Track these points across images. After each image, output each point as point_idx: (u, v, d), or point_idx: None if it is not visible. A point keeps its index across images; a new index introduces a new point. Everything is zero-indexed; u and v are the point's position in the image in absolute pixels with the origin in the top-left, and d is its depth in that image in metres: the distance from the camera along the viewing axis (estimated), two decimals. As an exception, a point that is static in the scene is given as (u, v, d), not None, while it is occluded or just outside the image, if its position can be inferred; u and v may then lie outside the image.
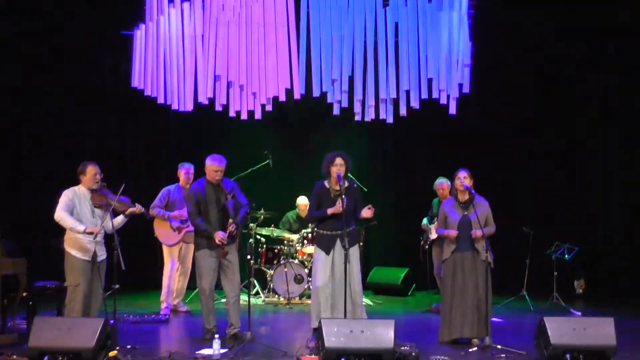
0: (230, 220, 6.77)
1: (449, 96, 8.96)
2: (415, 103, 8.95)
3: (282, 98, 8.97)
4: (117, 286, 6.25)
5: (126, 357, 5.83)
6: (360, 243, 7.00)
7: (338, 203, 6.58)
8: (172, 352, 5.93)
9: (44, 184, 9.61)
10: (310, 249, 9.27)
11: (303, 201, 9.80)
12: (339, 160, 6.71)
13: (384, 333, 5.55)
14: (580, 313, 8.52)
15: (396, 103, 9.04)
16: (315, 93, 8.93)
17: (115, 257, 6.24)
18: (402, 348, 5.77)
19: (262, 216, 9.46)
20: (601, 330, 5.69)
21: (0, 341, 6.44)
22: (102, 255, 6.55)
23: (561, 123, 10.59)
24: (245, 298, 7.25)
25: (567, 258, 9.21)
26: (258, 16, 8.93)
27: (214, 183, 6.84)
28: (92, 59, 9.99)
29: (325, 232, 6.76)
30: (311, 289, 6.97)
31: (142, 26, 9.07)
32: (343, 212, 6.53)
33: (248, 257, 7.29)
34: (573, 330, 5.69)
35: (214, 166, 6.80)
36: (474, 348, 6.34)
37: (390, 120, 9.17)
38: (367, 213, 6.68)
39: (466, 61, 8.96)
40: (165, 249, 8.53)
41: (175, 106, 9.05)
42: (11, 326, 6.86)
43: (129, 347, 6.15)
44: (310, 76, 8.91)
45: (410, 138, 11.01)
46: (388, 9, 8.99)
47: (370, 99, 8.97)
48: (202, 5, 8.99)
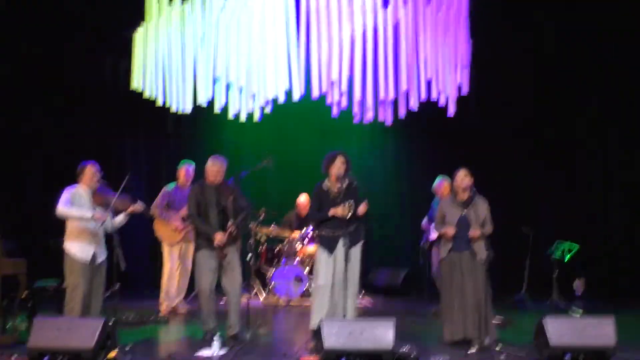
0: (230, 221, 6.78)
1: (448, 97, 8.97)
2: (414, 104, 8.96)
3: (282, 99, 8.98)
4: (117, 286, 6.25)
5: (126, 357, 5.83)
6: (362, 241, 6.97)
7: (341, 206, 6.58)
8: (172, 352, 5.94)
9: (44, 184, 9.62)
10: (310, 249, 9.27)
11: (304, 200, 9.80)
12: (339, 160, 6.71)
13: (384, 333, 5.55)
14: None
15: (395, 104, 9.05)
16: (314, 94, 8.94)
17: (115, 257, 6.25)
18: (402, 348, 5.78)
19: (263, 215, 9.46)
20: (601, 330, 5.69)
21: (0, 341, 6.44)
22: (102, 256, 6.54)
23: (561, 123, 10.59)
24: (245, 298, 7.25)
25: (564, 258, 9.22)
26: (258, 16, 8.94)
27: (215, 184, 6.84)
28: (92, 59, 9.99)
29: (327, 233, 6.77)
30: (313, 289, 6.96)
31: (142, 26, 9.08)
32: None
33: (248, 257, 7.29)
34: (573, 330, 5.68)
35: (215, 167, 6.81)
36: (474, 348, 6.33)
37: (389, 121, 9.17)
38: (361, 209, 6.66)
39: (465, 62, 8.97)
40: (165, 249, 8.53)
41: (174, 107, 9.06)
42: (11, 326, 6.86)
43: (129, 347, 6.15)
44: (309, 77, 8.92)
45: (409, 139, 11.01)
46: (388, 9, 9.00)
47: (369, 100, 8.98)
48: (202, 5, 9.00)
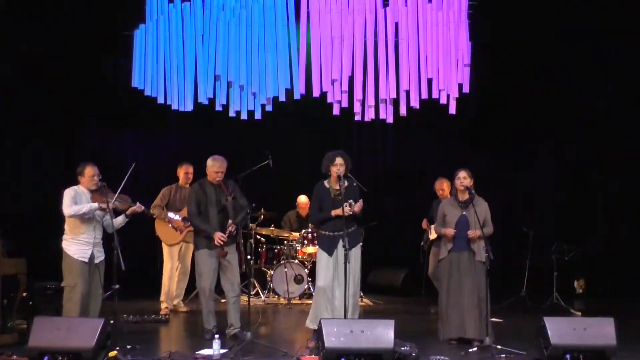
0: (230, 220, 6.78)
1: (449, 96, 8.97)
2: (415, 103, 8.96)
3: (282, 98, 8.98)
4: (117, 286, 6.24)
5: (126, 357, 5.82)
6: (361, 243, 6.99)
7: (342, 206, 6.57)
8: (172, 352, 5.93)
9: (44, 184, 9.62)
10: (310, 249, 9.27)
11: (304, 200, 9.79)
12: (339, 160, 6.71)
13: (384, 333, 5.54)
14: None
15: (396, 103, 9.04)
16: (315, 93, 8.94)
17: (115, 257, 6.23)
18: (402, 348, 5.77)
19: (262, 216, 9.46)
20: (601, 330, 5.68)
21: (0, 341, 6.43)
22: (100, 256, 6.53)
23: (561, 123, 10.58)
24: (245, 298, 7.25)
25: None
26: (258, 16, 8.94)
27: (215, 183, 6.85)
28: (92, 59, 9.98)
29: (327, 233, 6.76)
30: (313, 289, 6.97)
31: (142, 26, 9.07)
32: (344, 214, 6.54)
33: (248, 257, 7.29)
34: (573, 330, 5.67)
35: (215, 167, 6.82)
36: (474, 348, 6.34)
37: (390, 120, 9.17)
38: (357, 207, 6.65)
39: (466, 61, 8.97)
40: (165, 249, 8.53)
41: (175, 106, 9.05)
42: (11, 326, 6.85)
43: (129, 347, 6.13)
44: (310, 76, 8.91)
45: (410, 138, 11.00)
46: (388, 9, 9.00)
47: (370, 99, 8.98)
48: (202, 5, 9.00)
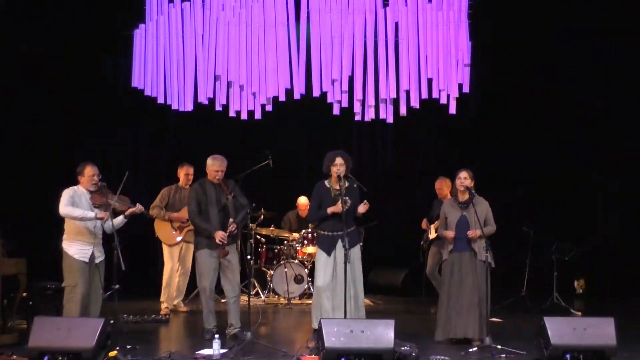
0: (230, 220, 6.78)
1: (449, 96, 8.97)
2: (415, 103, 8.96)
3: (282, 98, 8.98)
4: (117, 286, 6.24)
5: (126, 357, 5.82)
6: (360, 243, 6.99)
7: (339, 203, 6.58)
8: (172, 352, 5.93)
9: (44, 184, 9.59)
10: (310, 249, 9.26)
11: (303, 201, 9.79)
12: (339, 160, 6.71)
13: (384, 333, 5.54)
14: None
15: (396, 103, 9.04)
16: (315, 93, 8.94)
17: (115, 258, 6.23)
18: (402, 348, 5.77)
19: (262, 216, 9.46)
20: (601, 330, 5.68)
21: (0, 341, 6.43)
22: (100, 256, 6.53)
23: (561, 123, 10.57)
24: (245, 298, 7.24)
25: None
26: (258, 16, 8.94)
27: (215, 183, 6.85)
28: (92, 59, 9.98)
29: (326, 233, 6.76)
30: (313, 289, 6.97)
31: (142, 26, 9.07)
32: (343, 213, 6.53)
33: (248, 257, 7.29)
34: (573, 330, 5.67)
35: (215, 166, 6.83)
36: (474, 348, 6.33)
37: (390, 120, 9.17)
38: (362, 208, 6.67)
39: (466, 61, 8.97)
40: (165, 249, 8.53)
41: (175, 106, 9.06)
42: (11, 326, 6.85)
43: (129, 347, 6.13)
44: (310, 76, 8.91)
45: (410, 138, 11.00)
46: (388, 9, 9.00)
47: (370, 99, 8.98)
48: (202, 5, 9.00)
